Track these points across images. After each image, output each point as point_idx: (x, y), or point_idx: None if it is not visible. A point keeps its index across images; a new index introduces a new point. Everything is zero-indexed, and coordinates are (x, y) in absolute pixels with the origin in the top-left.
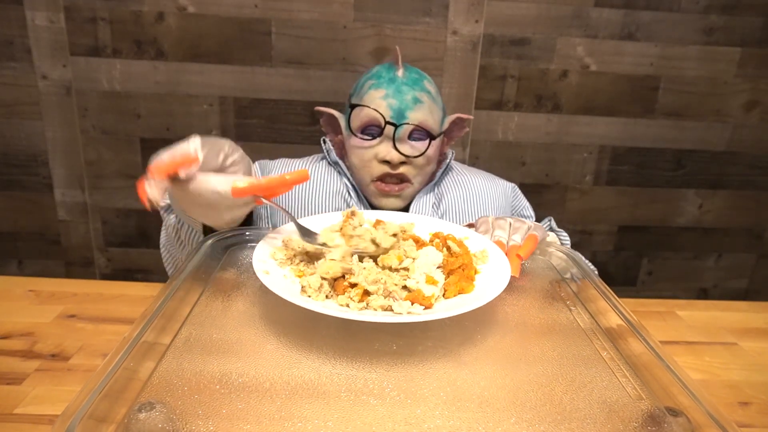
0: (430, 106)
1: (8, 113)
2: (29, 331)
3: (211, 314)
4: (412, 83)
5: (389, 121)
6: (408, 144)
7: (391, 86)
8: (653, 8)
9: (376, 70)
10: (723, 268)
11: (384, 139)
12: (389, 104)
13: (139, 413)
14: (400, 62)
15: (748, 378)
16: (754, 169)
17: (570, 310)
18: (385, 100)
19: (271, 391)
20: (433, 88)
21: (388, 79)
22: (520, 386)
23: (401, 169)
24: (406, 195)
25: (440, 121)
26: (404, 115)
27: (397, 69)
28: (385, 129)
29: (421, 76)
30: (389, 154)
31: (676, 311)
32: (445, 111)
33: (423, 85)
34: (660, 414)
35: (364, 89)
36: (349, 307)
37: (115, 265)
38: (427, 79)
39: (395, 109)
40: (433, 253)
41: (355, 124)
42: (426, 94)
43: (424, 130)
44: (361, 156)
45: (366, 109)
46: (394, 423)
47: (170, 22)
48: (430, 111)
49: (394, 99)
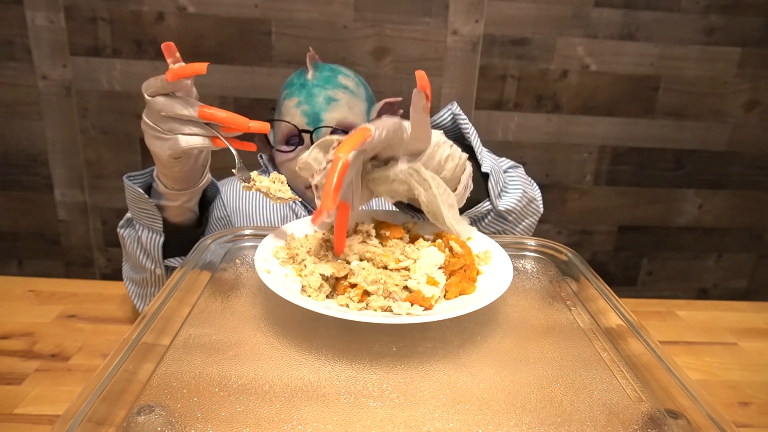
0: (348, 101)
1: (8, 113)
2: (29, 331)
3: (211, 315)
4: (323, 83)
5: (303, 129)
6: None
7: (302, 92)
8: (653, 8)
9: (289, 78)
10: (723, 268)
11: (305, 147)
12: (302, 111)
13: (138, 416)
14: (309, 64)
15: (748, 378)
16: (754, 169)
17: (570, 310)
18: (298, 108)
19: (271, 393)
20: (350, 81)
21: (299, 85)
22: (520, 388)
23: None
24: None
25: (365, 112)
26: (320, 118)
27: (307, 72)
28: (304, 136)
29: (334, 73)
30: None
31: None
32: (372, 100)
33: (337, 81)
34: (660, 416)
35: (280, 101)
36: (349, 308)
37: (115, 265)
38: (343, 73)
39: (309, 115)
40: (434, 254)
41: (278, 137)
42: (341, 90)
43: (345, 129)
44: (288, 168)
45: (282, 123)
46: (394, 425)
47: (170, 22)
48: (349, 106)
49: (306, 105)
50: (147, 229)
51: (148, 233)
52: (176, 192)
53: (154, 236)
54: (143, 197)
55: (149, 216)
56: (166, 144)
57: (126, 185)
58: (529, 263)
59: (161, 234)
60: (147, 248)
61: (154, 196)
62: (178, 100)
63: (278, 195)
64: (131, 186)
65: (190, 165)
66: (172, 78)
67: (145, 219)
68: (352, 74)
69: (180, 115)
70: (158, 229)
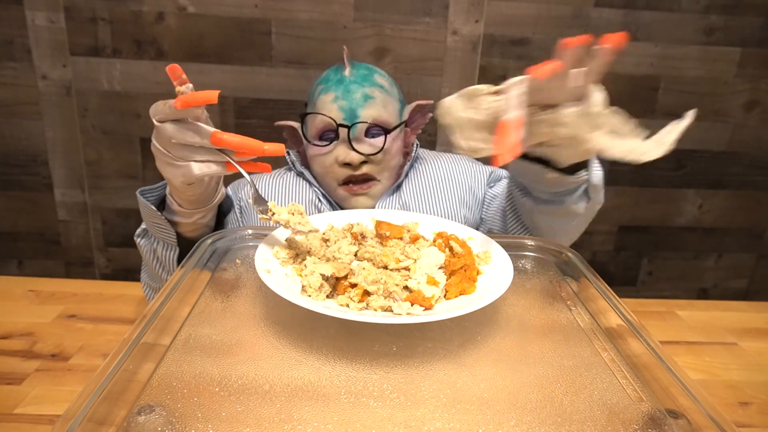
0: (383, 100)
1: (8, 113)
2: (29, 331)
3: (211, 315)
4: (361, 80)
5: (341, 124)
6: (366, 142)
7: (339, 88)
8: (653, 8)
9: (325, 74)
10: (723, 268)
11: (341, 142)
12: (340, 106)
13: (139, 416)
14: (347, 61)
15: (748, 378)
16: (754, 169)
17: (570, 310)
18: (335, 103)
19: (271, 393)
20: (385, 80)
21: (336, 80)
22: (521, 388)
23: (364, 169)
24: (375, 192)
25: (398, 112)
26: (356, 114)
27: (344, 69)
28: (340, 132)
29: (370, 71)
30: (348, 156)
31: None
32: (403, 101)
33: (373, 80)
34: (660, 416)
35: (315, 95)
36: (349, 308)
37: (115, 265)
38: (379, 73)
39: (346, 110)
40: (435, 254)
41: (311, 132)
42: (377, 89)
43: (380, 126)
44: (321, 162)
45: (318, 116)
46: (394, 425)
47: (170, 22)
48: (384, 105)
49: (343, 100)
50: (161, 243)
51: (163, 246)
52: (190, 210)
53: (168, 249)
54: (156, 214)
55: (163, 231)
56: (179, 171)
57: (139, 201)
58: (529, 263)
59: (176, 248)
60: (162, 261)
61: (168, 212)
62: (189, 126)
63: (298, 228)
64: (144, 202)
65: (203, 188)
66: (182, 107)
67: (159, 233)
68: (386, 75)
69: (191, 143)
70: (172, 243)
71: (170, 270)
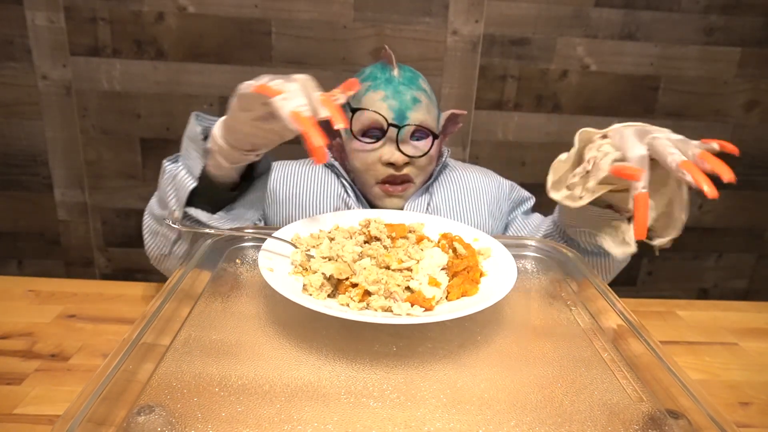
0: (427, 105)
1: (8, 113)
2: (29, 331)
3: (211, 315)
4: (408, 82)
5: (392, 123)
6: (411, 145)
7: (389, 87)
8: (653, 8)
9: (369, 71)
10: (723, 268)
11: (387, 141)
12: (390, 106)
13: (138, 416)
14: (395, 62)
15: (748, 378)
16: (754, 169)
17: (570, 310)
18: (385, 101)
19: (271, 393)
20: (427, 86)
21: (385, 79)
22: (521, 388)
23: (405, 170)
24: (408, 194)
25: (437, 118)
26: (405, 115)
27: (392, 69)
28: (388, 131)
29: (415, 75)
30: (393, 156)
31: (676, 311)
32: (439, 108)
33: (419, 84)
34: (661, 416)
35: (361, 92)
36: (349, 307)
37: (115, 265)
38: (422, 78)
39: (396, 111)
40: (438, 255)
41: (356, 127)
42: (423, 93)
43: (425, 130)
44: (364, 159)
45: (367, 112)
46: (394, 425)
47: (170, 22)
48: (428, 110)
49: (394, 100)
50: (185, 170)
51: (185, 174)
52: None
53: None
54: (197, 138)
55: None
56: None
57: (191, 120)
58: (529, 263)
59: (196, 180)
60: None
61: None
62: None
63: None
64: (194, 122)
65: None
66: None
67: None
68: (426, 81)
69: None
70: (195, 174)
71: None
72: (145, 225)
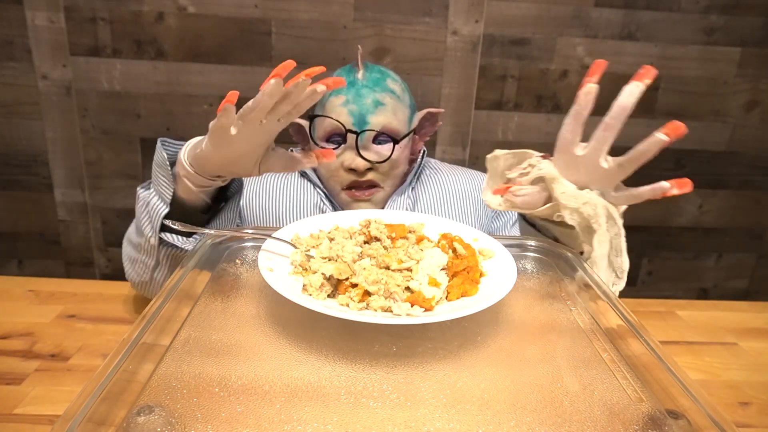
0: (393, 107)
1: (8, 113)
2: (29, 331)
3: (211, 315)
4: (373, 85)
5: (350, 129)
6: (372, 150)
7: (350, 91)
8: (653, 8)
9: (336, 74)
10: (723, 268)
11: (348, 147)
12: (350, 110)
13: (138, 417)
14: (360, 63)
15: (748, 378)
16: (754, 169)
17: (570, 310)
18: (345, 106)
19: (271, 393)
20: (397, 86)
21: (348, 83)
22: (521, 388)
23: (369, 176)
24: (377, 199)
25: (407, 119)
26: (365, 120)
27: (357, 71)
28: (348, 137)
29: (383, 75)
30: (354, 162)
31: (676, 311)
32: (414, 107)
33: (385, 84)
34: (661, 417)
35: (325, 96)
36: (349, 308)
37: (115, 265)
38: (391, 77)
39: (356, 115)
40: (438, 255)
41: (319, 134)
42: (389, 95)
43: (388, 134)
44: (327, 166)
45: (327, 119)
46: (394, 425)
47: (170, 22)
48: (394, 112)
49: (354, 104)
50: (157, 197)
51: (157, 200)
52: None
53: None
54: (165, 165)
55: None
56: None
57: (157, 148)
58: (529, 263)
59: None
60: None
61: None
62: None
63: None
64: (160, 150)
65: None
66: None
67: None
68: (399, 79)
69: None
70: (166, 199)
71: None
72: (124, 253)
